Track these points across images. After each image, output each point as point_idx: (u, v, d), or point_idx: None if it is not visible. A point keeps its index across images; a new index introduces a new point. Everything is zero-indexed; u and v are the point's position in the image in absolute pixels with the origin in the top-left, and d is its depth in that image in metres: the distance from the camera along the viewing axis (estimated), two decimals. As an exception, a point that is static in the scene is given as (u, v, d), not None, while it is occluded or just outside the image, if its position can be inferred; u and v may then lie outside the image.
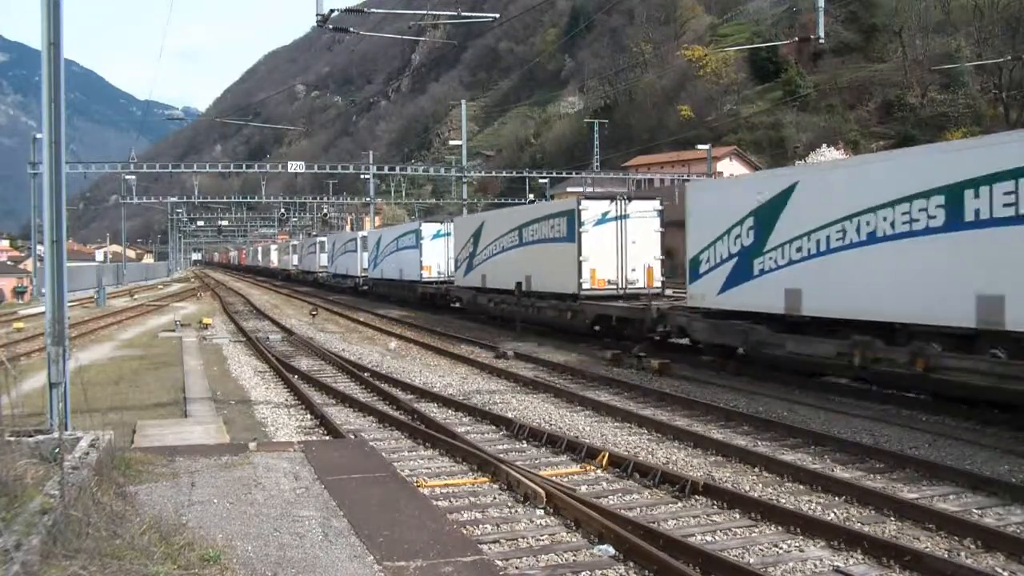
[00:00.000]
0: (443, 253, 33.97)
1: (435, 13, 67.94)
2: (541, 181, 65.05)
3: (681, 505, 8.21)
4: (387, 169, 67.77)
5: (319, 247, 60.06)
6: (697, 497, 8.32)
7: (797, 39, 51.39)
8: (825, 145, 65.66)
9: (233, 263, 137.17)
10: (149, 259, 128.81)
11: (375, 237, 43.61)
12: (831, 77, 77.30)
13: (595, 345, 21.01)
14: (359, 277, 46.61)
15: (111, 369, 18.16)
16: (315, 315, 33.39)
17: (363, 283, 45.99)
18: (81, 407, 9.22)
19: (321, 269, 59.16)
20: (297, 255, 72.31)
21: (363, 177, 63.03)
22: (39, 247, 43.85)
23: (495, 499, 8.47)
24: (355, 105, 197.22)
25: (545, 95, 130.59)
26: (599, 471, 9.46)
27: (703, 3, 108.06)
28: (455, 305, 32.18)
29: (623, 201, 21.60)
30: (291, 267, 74.21)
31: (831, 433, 11.00)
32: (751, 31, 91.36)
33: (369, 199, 63.69)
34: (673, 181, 57.70)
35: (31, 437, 6.64)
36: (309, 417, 12.93)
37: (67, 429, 8.23)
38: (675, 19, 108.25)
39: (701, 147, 58.94)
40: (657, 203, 22.01)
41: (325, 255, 58.16)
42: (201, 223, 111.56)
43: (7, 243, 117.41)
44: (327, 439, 11.16)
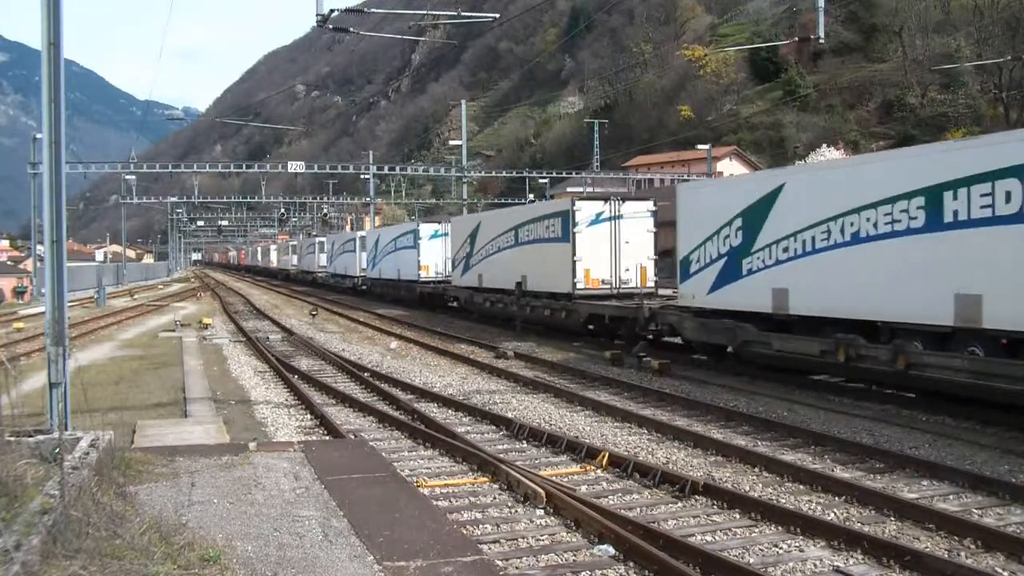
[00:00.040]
0: (441, 253, 34.08)
1: (435, 13, 67.81)
2: (541, 181, 65.10)
3: (681, 505, 8.21)
4: (387, 169, 67.85)
5: (318, 247, 60.11)
6: (697, 497, 8.33)
7: (797, 39, 51.47)
8: (825, 145, 65.67)
9: (233, 263, 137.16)
10: (149, 259, 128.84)
11: (373, 237, 43.65)
12: (831, 77, 77.28)
13: (594, 344, 21.06)
14: (358, 277, 46.67)
15: (111, 369, 18.16)
16: (315, 315, 33.40)
17: (362, 283, 46.05)
18: (81, 407, 9.23)
19: (320, 269, 59.19)
20: (296, 255, 72.34)
21: (363, 177, 63.07)
22: (39, 247, 43.82)
23: (495, 499, 8.47)
24: (355, 105, 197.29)
25: (545, 95, 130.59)
26: (599, 471, 9.46)
27: (703, 3, 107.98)
28: (452, 304, 32.29)
29: (617, 202, 21.96)
30: (291, 267, 74.22)
31: (831, 433, 11.01)
32: (751, 31, 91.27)
33: (369, 199, 63.68)
34: (673, 181, 57.65)
35: (31, 437, 6.64)
36: (309, 417, 12.92)
37: (67, 429, 8.23)
38: (675, 19, 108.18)
39: (701, 147, 58.90)
40: (651, 204, 22.32)
41: (324, 255, 58.23)
42: (201, 223, 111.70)
43: (7, 243, 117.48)
44: (327, 439, 11.15)
